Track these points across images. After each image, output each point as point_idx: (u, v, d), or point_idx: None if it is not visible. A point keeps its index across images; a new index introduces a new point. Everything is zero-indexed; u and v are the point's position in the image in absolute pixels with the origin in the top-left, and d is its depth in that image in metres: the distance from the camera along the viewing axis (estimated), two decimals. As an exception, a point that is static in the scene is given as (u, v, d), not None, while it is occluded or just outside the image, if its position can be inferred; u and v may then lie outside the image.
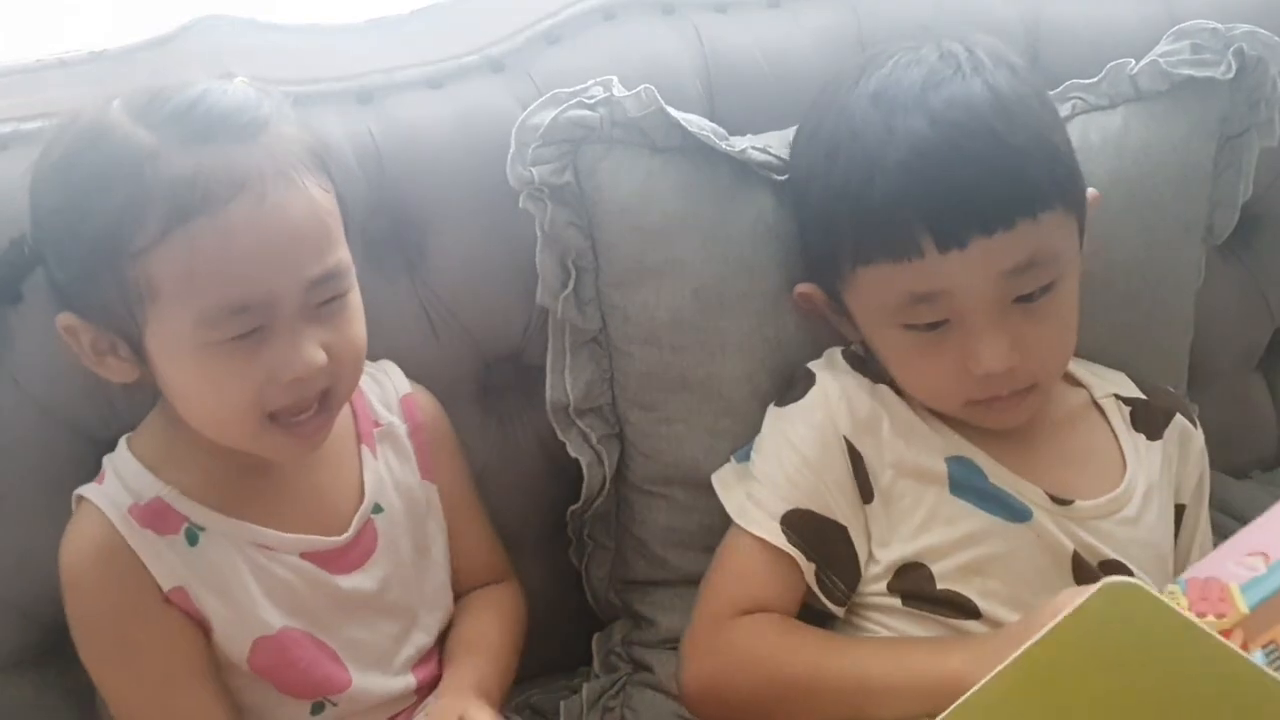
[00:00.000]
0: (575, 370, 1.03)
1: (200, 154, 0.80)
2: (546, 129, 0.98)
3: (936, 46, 0.93)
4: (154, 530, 0.87)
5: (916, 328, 0.92)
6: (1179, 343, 1.14)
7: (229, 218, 0.80)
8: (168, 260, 0.80)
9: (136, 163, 0.79)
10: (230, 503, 0.90)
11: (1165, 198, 1.06)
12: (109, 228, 0.80)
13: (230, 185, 0.80)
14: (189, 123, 0.81)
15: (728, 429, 1.03)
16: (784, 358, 1.02)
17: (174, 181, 0.79)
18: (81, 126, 0.83)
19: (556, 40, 1.11)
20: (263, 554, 0.90)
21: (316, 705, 0.92)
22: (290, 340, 0.83)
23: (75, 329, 0.85)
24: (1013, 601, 0.92)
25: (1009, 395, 0.94)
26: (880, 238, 0.90)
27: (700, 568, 1.04)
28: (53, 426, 0.95)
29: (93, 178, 0.81)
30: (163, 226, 0.79)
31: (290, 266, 0.82)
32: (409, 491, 0.97)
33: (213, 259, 0.80)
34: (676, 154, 1.01)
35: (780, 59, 1.13)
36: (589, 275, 1.02)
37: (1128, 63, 1.08)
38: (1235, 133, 1.11)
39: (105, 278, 0.81)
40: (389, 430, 0.98)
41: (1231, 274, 1.21)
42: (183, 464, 0.90)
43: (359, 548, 0.94)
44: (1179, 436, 1.02)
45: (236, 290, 0.81)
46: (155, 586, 0.87)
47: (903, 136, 0.89)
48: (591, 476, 1.05)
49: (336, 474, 0.94)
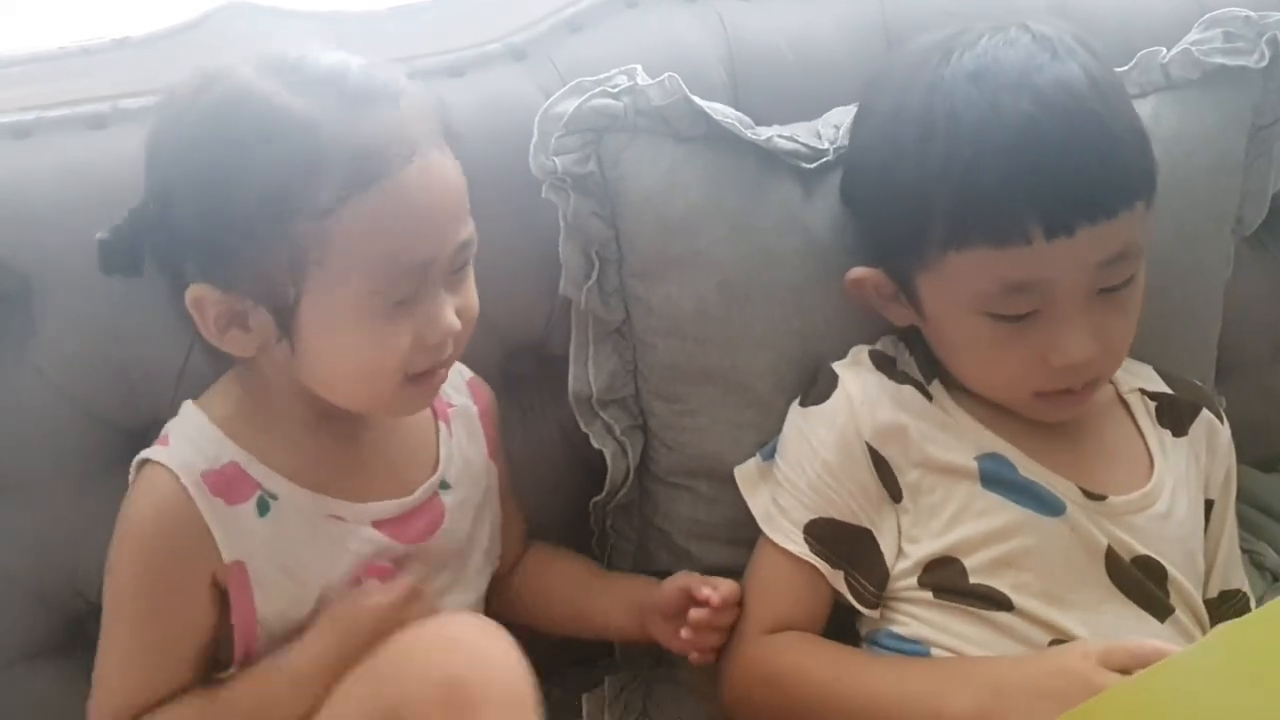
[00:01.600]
0: (598, 361, 1.03)
1: (368, 119, 0.81)
2: (570, 118, 0.97)
3: (1024, 28, 0.91)
4: (225, 499, 0.87)
5: (1002, 317, 0.90)
6: (1207, 334, 1.13)
7: (403, 181, 0.81)
8: (347, 224, 0.80)
9: (304, 127, 0.79)
10: (306, 471, 0.89)
11: (1196, 188, 1.06)
12: (278, 191, 0.79)
13: (402, 150, 0.81)
14: (344, 88, 0.81)
15: (751, 421, 1.02)
16: (809, 350, 1.02)
17: (352, 147, 0.80)
18: (221, 92, 0.82)
19: (579, 28, 1.10)
20: (336, 525, 0.90)
21: None
22: (435, 304, 0.85)
23: (206, 300, 0.84)
24: (1046, 595, 0.91)
25: (1081, 388, 0.93)
26: (985, 222, 0.88)
27: (723, 560, 1.04)
28: (76, 415, 0.95)
29: (253, 142, 0.80)
30: (343, 191, 0.80)
31: (448, 228, 0.85)
32: (475, 472, 0.98)
33: (391, 222, 0.81)
34: (701, 143, 1.00)
35: (804, 47, 1.13)
36: (612, 266, 1.01)
37: (1159, 51, 1.07)
38: (1266, 122, 1.10)
39: (269, 243, 0.81)
40: (463, 410, 0.99)
41: (1260, 265, 1.20)
42: (261, 430, 0.89)
43: (426, 518, 0.94)
44: (1206, 432, 1.02)
45: (407, 253, 0.82)
46: (216, 557, 0.86)
47: (1011, 118, 0.87)
48: (615, 468, 1.05)
49: (414, 446, 0.95)
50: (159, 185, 0.84)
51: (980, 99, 0.88)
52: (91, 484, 0.96)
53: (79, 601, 0.98)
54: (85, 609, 0.98)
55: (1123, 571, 0.93)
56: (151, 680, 0.88)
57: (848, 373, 0.98)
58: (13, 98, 0.97)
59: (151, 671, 0.88)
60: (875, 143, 0.95)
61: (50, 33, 1.03)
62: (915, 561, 0.94)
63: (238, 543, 0.87)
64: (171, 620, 0.88)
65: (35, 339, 0.94)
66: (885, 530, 0.95)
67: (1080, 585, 0.92)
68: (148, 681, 0.88)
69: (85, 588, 0.97)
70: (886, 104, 0.94)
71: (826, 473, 0.95)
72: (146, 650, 0.88)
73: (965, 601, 0.92)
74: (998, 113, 0.87)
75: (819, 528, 0.96)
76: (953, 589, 0.93)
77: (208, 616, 0.88)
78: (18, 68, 0.99)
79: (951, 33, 0.93)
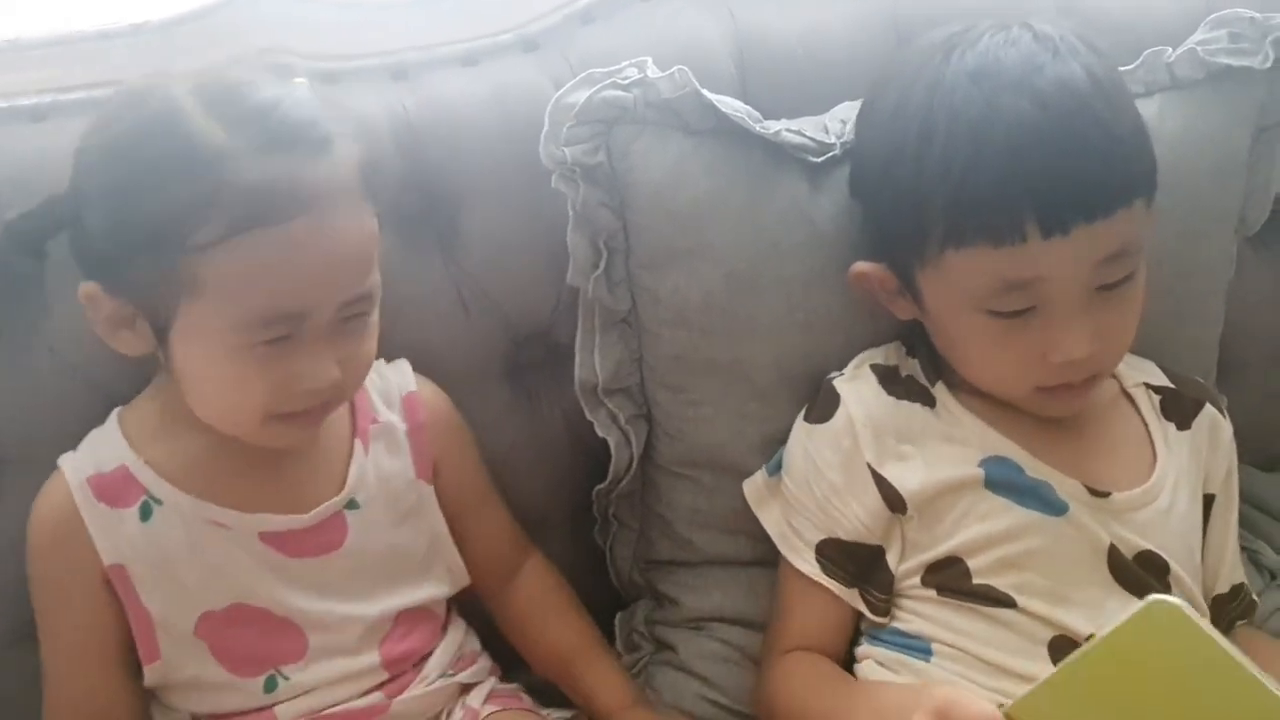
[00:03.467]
0: (604, 350, 1.03)
1: (274, 164, 0.80)
2: (581, 109, 0.98)
3: (1026, 27, 0.91)
4: (107, 503, 0.90)
5: (1000, 314, 0.90)
6: (1209, 334, 1.13)
7: (290, 233, 0.81)
8: (221, 263, 0.81)
9: (208, 161, 0.80)
10: (198, 480, 0.91)
11: (1200, 188, 1.06)
12: (167, 218, 0.80)
13: (297, 201, 0.81)
14: (265, 127, 0.81)
15: (755, 412, 1.03)
16: (814, 342, 1.02)
17: (245, 188, 0.79)
18: (152, 107, 0.83)
19: (591, 20, 1.11)
20: (219, 531, 0.91)
21: (269, 681, 0.93)
22: (312, 354, 0.85)
23: (98, 299, 0.86)
24: (1049, 594, 0.92)
25: (1081, 383, 0.93)
26: (981, 220, 0.88)
27: (724, 549, 1.05)
28: (88, 395, 0.96)
29: (159, 164, 0.81)
30: (225, 230, 0.80)
31: (333, 286, 0.84)
32: (394, 491, 0.97)
33: (265, 270, 0.81)
34: (710, 136, 1.00)
35: (814, 41, 1.13)
36: (620, 256, 1.02)
37: (1165, 50, 1.07)
38: (1271, 123, 1.09)
39: (150, 263, 0.82)
40: (386, 427, 0.98)
41: (1263, 266, 1.20)
42: (165, 440, 0.92)
43: (323, 537, 0.94)
44: (1209, 426, 1.02)
45: (279, 302, 0.82)
46: (96, 560, 0.89)
47: (1010, 117, 0.87)
48: (619, 457, 1.05)
49: (322, 464, 0.95)
50: (77, 183, 0.86)
51: (980, 98, 0.87)
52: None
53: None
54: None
55: (1125, 568, 0.93)
56: (77, 680, 0.91)
57: (849, 391, 0.98)
58: (30, 81, 0.98)
59: (73, 671, 0.91)
60: (878, 140, 0.95)
61: (68, 17, 1.03)
62: (919, 562, 0.95)
63: (116, 546, 0.90)
64: (70, 620, 0.91)
65: (49, 319, 0.94)
66: (893, 542, 0.96)
67: (1083, 583, 0.92)
68: (75, 682, 0.91)
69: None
70: (889, 102, 0.94)
71: (833, 494, 0.96)
72: (59, 652, 0.92)
73: (968, 600, 0.93)
74: (996, 112, 0.87)
75: (830, 548, 0.96)
76: (956, 588, 0.93)
77: (103, 616, 0.90)
78: (35, 51, 0.99)
79: (954, 31, 0.93)
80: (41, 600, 0.92)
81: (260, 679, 0.93)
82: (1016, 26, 0.91)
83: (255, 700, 0.93)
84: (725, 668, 1.05)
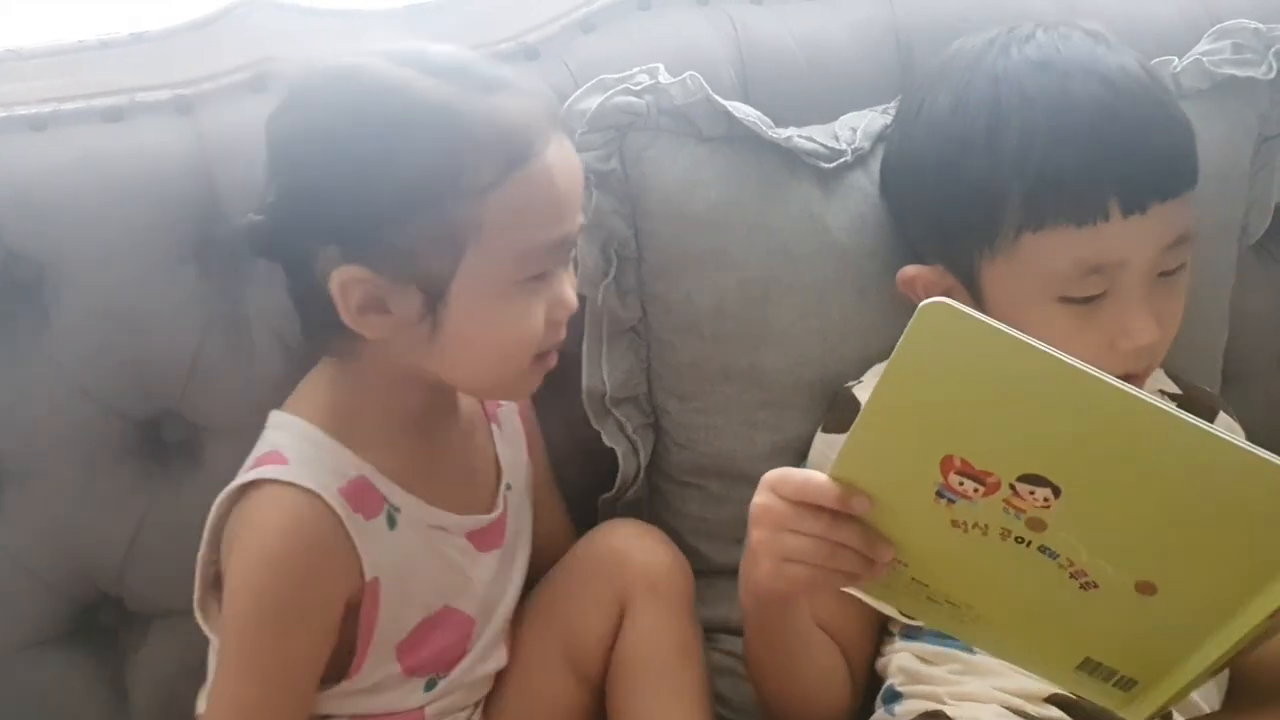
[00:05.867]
0: (613, 359, 1.03)
1: (506, 102, 0.83)
2: (593, 115, 0.98)
3: (1072, 25, 0.94)
4: (363, 515, 0.86)
5: (1073, 301, 0.91)
6: (1213, 343, 1.14)
7: (547, 160, 0.83)
8: (503, 201, 0.82)
9: (456, 111, 0.81)
10: (417, 483, 0.90)
11: (1205, 197, 1.04)
12: (441, 173, 0.81)
13: (542, 129, 0.84)
14: (474, 74, 0.83)
15: (766, 420, 1.03)
16: (827, 349, 1.02)
17: (501, 127, 0.82)
18: (364, 82, 0.82)
19: (592, 29, 1.10)
20: (439, 535, 0.91)
21: (430, 681, 0.93)
22: (561, 282, 0.87)
23: (352, 283, 0.83)
24: None
25: (1141, 372, 0.94)
26: (1064, 200, 0.89)
27: (730, 558, 1.03)
28: (88, 405, 0.95)
29: (408, 128, 0.81)
30: (501, 170, 0.81)
31: (578, 207, 0.87)
32: (521, 467, 0.99)
33: (539, 200, 0.83)
34: (722, 143, 1.01)
35: (815, 50, 1.13)
36: (630, 264, 1.02)
37: (1171, 60, 1.08)
38: (1273, 133, 1.11)
39: (429, 223, 0.81)
40: (506, 410, 1.00)
41: (1266, 275, 1.20)
42: (374, 439, 0.89)
43: (500, 525, 0.95)
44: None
45: (553, 229, 0.85)
46: (358, 576, 0.86)
47: (1084, 100, 0.89)
48: (626, 466, 1.05)
49: (480, 451, 0.97)
50: (300, 176, 0.83)
51: (1051, 84, 0.90)
52: (103, 473, 0.96)
53: (89, 589, 0.98)
54: (95, 597, 0.99)
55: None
56: (287, 710, 0.86)
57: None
58: (30, 90, 0.97)
59: (286, 702, 0.86)
60: (933, 139, 0.95)
61: (68, 26, 1.03)
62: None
63: (376, 560, 0.87)
64: (306, 643, 0.86)
65: (49, 329, 0.94)
66: None
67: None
68: (285, 713, 0.86)
69: (95, 575, 0.98)
70: (942, 101, 0.94)
71: None
72: (277, 682, 0.85)
73: None
74: (1070, 96, 0.89)
75: None
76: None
77: (333, 636, 0.87)
78: (35, 60, 0.99)
79: (999, 32, 0.95)
80: (279, 627, 0.84)
81: (425, 679, 0.92)
82: (1064, 26, 0.94)
83: (414, 700, 0.92)
84: (732, 680, 1.04)
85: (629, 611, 0.96)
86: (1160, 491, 0.66)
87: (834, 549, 0.75)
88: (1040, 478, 0.67)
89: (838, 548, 0.75)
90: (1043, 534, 0.69)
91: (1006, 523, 0.70)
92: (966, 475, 0.68)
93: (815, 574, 0.76)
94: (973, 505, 0.69)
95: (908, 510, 0.73)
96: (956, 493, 0.69)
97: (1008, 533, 0.70)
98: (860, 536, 0.75)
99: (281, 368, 0.96)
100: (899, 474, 0.72)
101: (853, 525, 0.75)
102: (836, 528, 0.75)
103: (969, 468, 0.68)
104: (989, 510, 0.69)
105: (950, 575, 0.76)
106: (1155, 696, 0.76)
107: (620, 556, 0.97)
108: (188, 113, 0.98)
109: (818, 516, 0.75)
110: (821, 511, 0.75)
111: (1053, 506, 0.68)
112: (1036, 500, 0.68)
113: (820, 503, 0.74)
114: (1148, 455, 0.65)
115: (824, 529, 0.75)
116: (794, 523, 0.76)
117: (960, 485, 0.69)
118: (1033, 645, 0.79)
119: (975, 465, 0.68)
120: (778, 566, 0.78)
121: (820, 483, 0.74)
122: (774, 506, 0.77)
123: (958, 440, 0.68)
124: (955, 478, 0.69)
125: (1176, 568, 0.69)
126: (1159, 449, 0.64)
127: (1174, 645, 0.73)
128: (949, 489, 0.69)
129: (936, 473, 0.69)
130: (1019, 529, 0.70)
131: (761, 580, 0.80)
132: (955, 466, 0.68)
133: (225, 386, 0.97)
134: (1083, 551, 0.69)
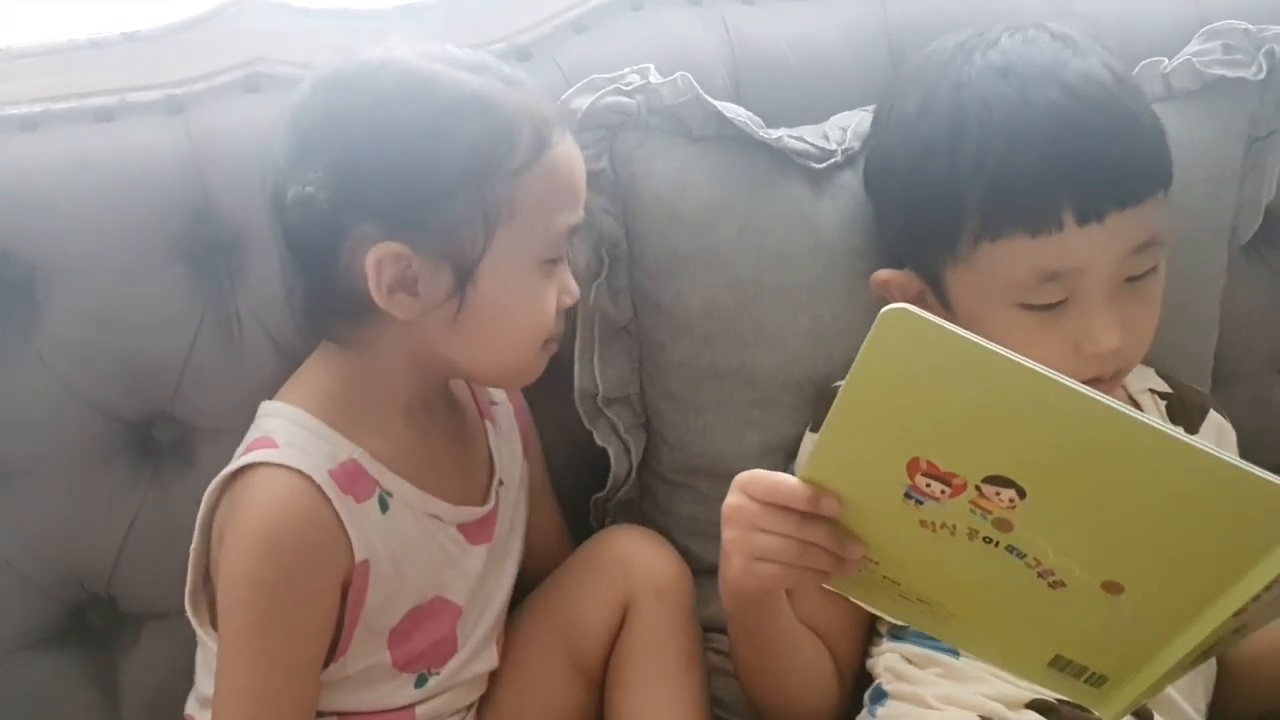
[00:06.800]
0: (605, 360, 1.03)
1: (529, 94, 0.88)
2: (584, 115, 0.98)
3: (1041, 28, 0.93)
4: (354, 497, 0.87)
5: (1033, 308, 0.91)
6: (1203, 344, 1.13)
7: (566, 146, 0.89)
8: (532, 183, 0.86)
9: (490, 98, 0.86)
10: (414, 470, 0.91)
11: (1194, 198, 1.06)
12: (481, 153, 0.85)
13: (558, 121, 0.89)
14: (496, 70, 0.89)
15: (758, 420, 1.03)
16: (818, 348, 1.02)
17: (530, 114, 0.87)
18: (400, 71, 0.86)
19: (584, 29, 1.10)
20: (433, 524, 0.91)
21: (421, 678, 0.93)
22: (567, 270, 0.92)
23: (388, 259, 0.84)
24: None
25: (1110, 376, 0.94)
26: (1017, 210, 0.89)
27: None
28: (79, 405, 0.95)
29: (450, 113, 0.85)
30: (531, 153, 0.86)
31: (584, 193, 0.92)
32: (515, 471, 1.00)
33: (558, 185, 0.88)
34: (713, 143, 1.01)
35: (807, 51, 1.13)
36: (622, 264, 1.02)
37: (1160, 61, 1.08)
38: (1262, 134, 1.10)
39: (468, 202, 0.85)
40: (502, 408, 1.01)
41: (1256, 276, 1.20)
42: (369, 425, 0.90)
43: (491, 519, 0.96)
44: (1216, 431, 1.03)
45: (568, 215, 0.89)
46: (349, 557, 0.86)
47: (1043, 108, 0.88)
48: (618, 466, 1.05)
49: (474, 445, 0.98)
50: (351, 153, 0.85)
51: (1010, 92, 0.89)
52: (93, 474, 0.96)
53: (79, 591, 0.98)
54: (86, 598, 0.98)
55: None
56: (296, 692, 0.86)
57: None
58: (21, 90, 0.97)
59: (293, 684, 0.86)
60: (901, 142, 0.96)
61: (59, 26, 1.03)
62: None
63: (367, 541, 0.87)
64: (310, 625, 0.86)
65: (39, 328, 0.94)
66: None
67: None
68: (294, 694, 0.86)
69: (86, 577, 0.98)
70: (912, 103, 0.94)
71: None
72: (282, 665, 0.85)
73: None
74: (1028, 104, 0.89)
75: None
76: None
77: (332, 618, 0.87)
78: (26, 60, 0.99)
79: (969, 34, 0.94)
80: (278, 609, 0.85)
81: (415, 675, 0.92)
82: (1032, 28, 0.93)
83: (403, 697, 0.92)
84: (724, 680, 1.03)
85: (632, 612, 0.97)
86: (1123, 494, 0.66)
87: (803, 547, 0.76)
88: (1005, 479, 0.67)
89: (807, 546, 0.76)
90: (1010, 534, 0.70)
91: (974, 523, 0.70)
92: (933, 477, 0.69)
93: (786, 572, 0.78)
94: (940, 506, 0.70)
95: (877, 511, 0.73)
96: (924, 494, 0.70)
97: (975, 533, 0.71)
98: (829, 535, 0.76)
99: (273, 367, 0.96)
100: (867, 476, 0.72)
101: (822, 524, 0.75)
102: (806, 527, 0.75)
103: (935, 470, 0.69)
104: (956, 511, 0.70)
105: (921, 574, 0.77)
106: (1126, 693, 0.76)
107: (626, 562, 0.98)
108: (179, 113, 0.99)
109: (787, 516, 0.76)
110: (791, 511, 0.75)
111: (1018, 508, 0.68)
112: (1002, 501, 0.68)
113: (790, 504, 0.75)
114: (1109, 458, 0.65)
115: (793, 528, 0.76)
116: (764, 522, 0.77)
117: (927, 487, 0.69)
118: (1005, 643, 0.79)
119: (941, 467, 0.69)
120: (748, 564, 0.79)
121: (790, 484, 0.76)
122: (745, 506, 0.78)
123: (923, 443, 0.68)
124: (922, 479, 0.69)
125: (1142, 568, 0.69)
126: (1120, 452, 0.65)
127: (1142, 643, 0.73)
128: (916, 490, 0.70)
129: (904, 474, 0.69)
130: (986, 529, 0.70)
131: (733, 578, 0.81)
132: (922, 468, 0.69)
133: (216, 387, 0.97)
134: (1049, 552, 0.70)
